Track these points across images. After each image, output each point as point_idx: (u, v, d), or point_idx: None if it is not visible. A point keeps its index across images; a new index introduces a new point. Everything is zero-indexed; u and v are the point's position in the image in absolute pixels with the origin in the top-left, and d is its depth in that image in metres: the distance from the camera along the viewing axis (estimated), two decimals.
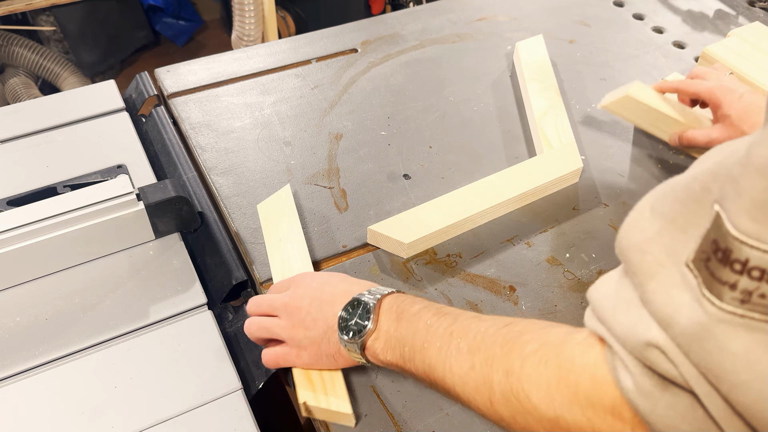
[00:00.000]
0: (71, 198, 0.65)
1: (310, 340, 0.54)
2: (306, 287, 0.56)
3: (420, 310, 0.50)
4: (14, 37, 1.95)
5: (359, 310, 0.51)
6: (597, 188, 0.78)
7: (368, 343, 0.51)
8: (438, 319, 0.48)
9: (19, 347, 0.60)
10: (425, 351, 0.47)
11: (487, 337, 0.44)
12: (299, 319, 0.54)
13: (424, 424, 0.54)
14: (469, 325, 0.46)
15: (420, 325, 0.48)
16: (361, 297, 0.52)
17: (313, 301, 0.54)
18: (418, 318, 0.49)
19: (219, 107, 0.88)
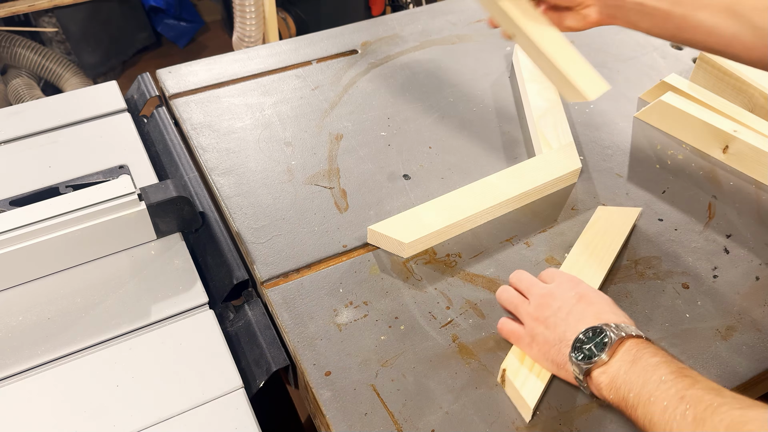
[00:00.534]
0: (73, 198, 0.65)
1: (545, 338, 0.55)
2: (566, 291, 0.57)
3: (659, 363, 0.48)
4: (17, 39, 1.95)
5: (598, 339, 0.51)
6: (596, 189, 0.78)
7: (594, 374, 0.51)
8: (674, 378, 0.46)
9: (22, 346, 0.60)
10: (650, 405, 0.46)
11: (717, 413, 0.42)
12: (545, 315, 0.56)
13: (424, 423, 0.54)
14: (704, 396, 0.44)
15: (653, 377, 0.47)
16: (606, 328, 0.52)
17: (564, 306, 0.55)
18: (654, 370, 0.48)
19: (220, 108, 0.88)
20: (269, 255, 0.68)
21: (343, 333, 0.61)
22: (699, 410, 0.43)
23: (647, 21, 0.64)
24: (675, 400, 0.45)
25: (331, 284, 0.66)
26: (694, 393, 0.44)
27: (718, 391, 0.44)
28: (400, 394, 0.56)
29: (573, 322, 0.54)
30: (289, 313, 0.63)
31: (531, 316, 0.57)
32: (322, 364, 0.59)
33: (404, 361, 0.59)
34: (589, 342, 0.51)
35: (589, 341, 0.52)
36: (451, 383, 0.57)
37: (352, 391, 0.57)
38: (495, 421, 0.55)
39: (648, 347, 0.50)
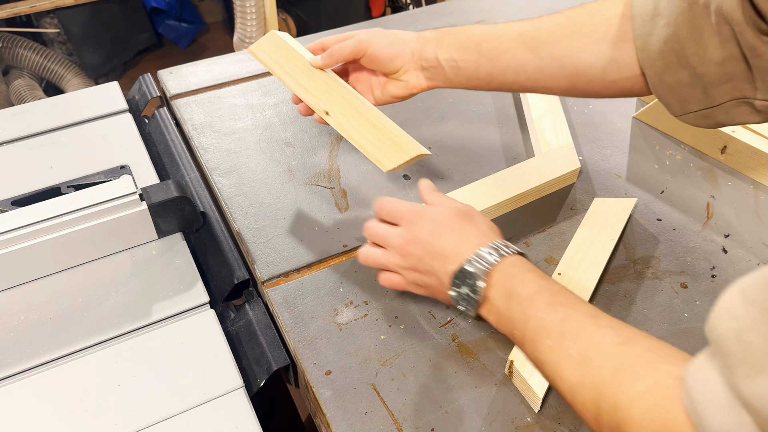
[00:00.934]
0: (75, 198, 0.65)
1: (426, 284, 0.56)
2: (417, 233, 0.55)
3: (532, 296, 0.48)
4: (19, 40, 1.95)
5: (468, 285, 0.51)
6: (594, 189, 0.78)
7: (482, 314, 0.52)
8: (551, 311, 0.46)
9: (24, 346, 0.60)
10: (536, 344, 0.46)
11: (600, 352, 0.42)
12: (412, 263, 0.55)
13: (424, 422, 0.54)
14: (583, 329, 0.44)
15: (531, 314, 0.47)
16: (468, 267, 0.51)
17: (425, 252, 0.54)
18: (529, 305, 0.48)
19: (221, 108, 0.88)
20: (270, 255, 0.68)
21: (344, 332, 0.61)
22: (582, 347, 0.43)
23: (462, 77, 0.65)
24: (557, 336, 0.45)
25: (331, 284, 0.66)
26: (573, 327, 0.44)
27: (596, 318, 0.45)
28: (400, 393, 0.56)
29: (439, 265, 0.53)
30: (290, 313, 0.63)
31: (403, 267, 0.56)
32: (323, 363, 0.59)
33: (404, 360, 0.59)
34: (462, 288, 0.52)
35: (461, 288, 0.52)
36: (451, 382, 0.57)
37: (352, 390, 0.57)
38: (495, 419, 0.55)
39: (514, 276, 0.50)
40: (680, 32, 0.52)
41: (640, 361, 0.40)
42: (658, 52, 0.54)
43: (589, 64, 0.59)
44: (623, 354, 0.41)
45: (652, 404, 0.37)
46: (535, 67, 0.62)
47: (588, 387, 0.41)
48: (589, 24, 0.59)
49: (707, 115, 0.54)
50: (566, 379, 0.43)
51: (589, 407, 0.41)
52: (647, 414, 0.37)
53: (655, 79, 0.55)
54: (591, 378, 0.41)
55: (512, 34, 0.62)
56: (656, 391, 0.38)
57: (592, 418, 0.42)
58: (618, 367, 0.40)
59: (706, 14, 0.50)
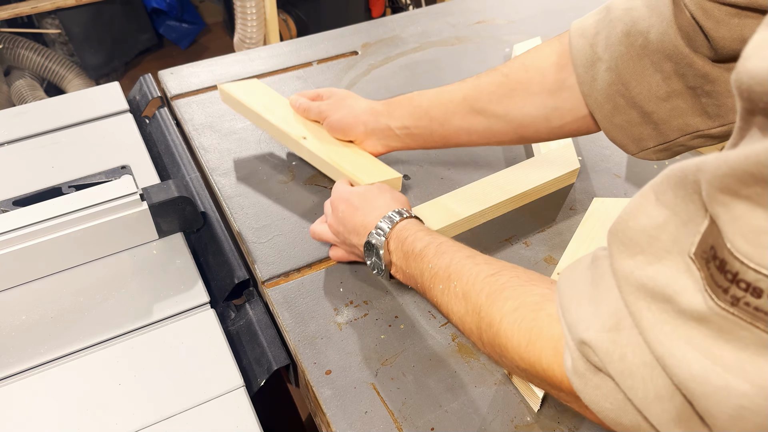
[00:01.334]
0: (76, 198, 0.65)
1: (356, 255, 0.64)
2: (337, 212, 0.63)
3: (422, 251, 0.55)
4: (20, 40, 1.95)
5: (374, 254, 0.59)
6: (594, 189, 0.78)
7: (393, 273, 0.60)
8: (438, 260, 0.53)
9: (25, 345, 0.60)
10: (432, 290, 0.53)
11: (477, 284, 0.48)
12: (341, 239, 0.64)
13: (424, 421, 0.54)
14: (463, 268, 0.50)
15: (424, 266, 0.54)
16: (371, 239, 0.59)
17: (345, 228, 0.62)
18: (421, 259, 0.54)
19: (221, 109, 0.88)
20: (270, 254, 0.68)
21: (344, 332, 0.61)
22: (463, 283, 0.49)
23: (418, 141, 0.71)
24: (445, 279, 0.51)
25: (331, 284, 0.66)
26: (456, 267, 0.51)
27: (472, 257, 0.51)
28: (400, 393, 0.56)
29: (355, 238, 0.61)
30: (290, 312, 0.63)
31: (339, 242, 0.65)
32: (323, 362, 0.59)
33: (404, 359, 0.59)
34: (371, 257, 0.59)
35: (370, 257, 0.60)
36: (451, 382, 0.57)
37: (352, 390, 0.57)
38: (494, 419, 0.55)
39: (406, 238, 0.57)
40: (623, 74, 0.54)
41: (507, 286, 0.46)
42: (605, 96, 0.56)
43: (532, 116, 0.62)
44: (494, 282, 0.47)
45: (520, 317, 0.43)
46: (484, 127, 0.66)
47: (470, 314, 0.47)
48: (525, 78, 0.62)
49: (664, 149, 0.56)
50: (455, 312, 0.50)
51: (474, 330, 0.47)
52: (515, 324, 0.43)
53: (606, 122, 0.57)
54: (472, 306, 0.47)
55: (457, 98, 0.66)
56: (522, 306, 0.43)
57: (477, 339, 0.48)
58: (490, 293, 0.46)
59: (644, 54, 0.52)
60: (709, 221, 0.30)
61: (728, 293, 0.28)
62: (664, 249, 0.33)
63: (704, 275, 0.30)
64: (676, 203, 0.32)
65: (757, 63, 0.27)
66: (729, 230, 0.28)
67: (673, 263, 0.32)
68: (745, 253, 0.27)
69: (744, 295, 0.27)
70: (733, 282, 0.28)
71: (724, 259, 0.28)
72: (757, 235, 0.27)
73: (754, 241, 0.27)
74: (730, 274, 0.28)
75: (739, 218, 0.28)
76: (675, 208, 0.32)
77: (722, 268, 0.28)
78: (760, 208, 0.27)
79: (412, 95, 0.70)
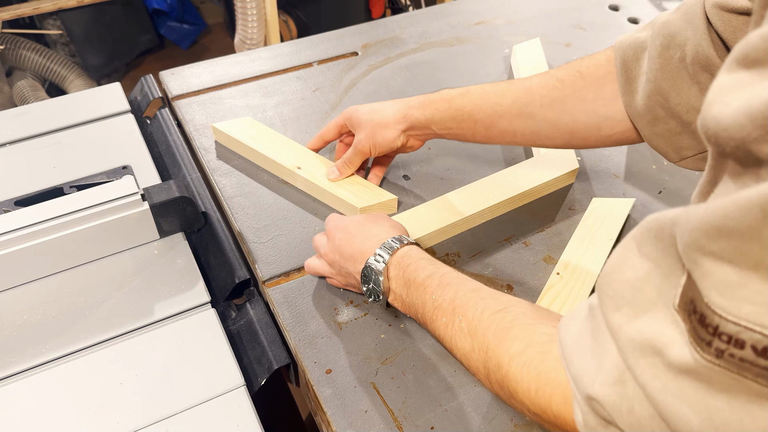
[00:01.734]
0: (77, 198, 0.65)
1: (352, 285, 0.62)
2: (333, 242, 0.61)
3: (425, 281, 0.53)
4: (22, 41, 1.95)
5: (372, 280, 0.57)
6: (593, 189, 0.78)
7: (390, 301, 0.58)
8: (441, 292, 0.51)
9: (27, 344, 0.60)
10: (435, 323, 0.52)
11: (483, 320, 0.47)
12: (337, 269, 0.62)
13: (423, 420, 0.54)
14: (468, 303, 0.49)
15: (426, 297, 0.52)
16: (371, 264, 0.57)
17: (340, 257, 0.60)
18: (424, 289, 0.53)
19: (222, 109, 0.88)
20: (271, 254, 0.68)
21: (344, 331, 0.61)
22: (469, 319, 0.48)
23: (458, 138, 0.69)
24: (449, 313, 0.50)
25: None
26: (461, 302, 0.49)
27: (478, 291, 0.50)
28: (399, 392, 0.56)
29: (351, 266, 0.59)
30: (290, 312, 0.63)
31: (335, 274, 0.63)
32: (323, 362, 0.59)
33: (404, 359, 0.59)
34: (368, 283, 0.58)
35: (368, 283, 0.58)
36: (451, 381, 0.57)
37: (352, 389, 0.57)
38: (493, 418, 0.55)
39: (409, 264, 0.55)
40: (661, 86, 0.54)
41: (515, 324, 0.45)
42: (645, 107, 0.56)
43: (583, 123, 0.62)
44: (501, 320, 0.46)
45: (528, 359, 0.42)
46: (531, 130, 0.64)
47: (477, 351, 0.46)
48: (581, 86, 0.61)
49: (703, 158, 0.56)
50: (460, 348, 0.48)
51: (480, 369, 0.46)
52: (523, 368, 0.42)
53: (647, 131, 0.58)
54: (478, 344, 0.46)
55: (505, 101, 0.64)
56: (530, 348, 0.42)
57: (483, 377, 0.47)
58: (497, 331, 0.45)
59: (682, 67, 0.52)
60: (687, 275, 0.30)
61: (712, 346, 0.28)
62: (650, 301, 0.33)
63: (688, 328, 0.30)
64: (657, 255, 0.32)
65: (721, 109, 0.28)
66: (703, 285, 0.28)
67: (660, 315, 0.32)
68: (721, 306, 0.27)
69: (727, 347, 0.27)
70: (715, 335, 0.28)
71: (703, 312, 0.28)
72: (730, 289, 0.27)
73: (727, 295, 0.27)
74: (711, 327, 0.28)
75: (709, 274, 0.28)
76: (657, 260, 0.32)
77: (702, 321, 0.28)
78: (726, 264, 0.27)
79: (450, 96, 0.67)
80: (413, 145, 0.72)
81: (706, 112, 0.29)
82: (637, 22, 1.09)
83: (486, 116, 0.65)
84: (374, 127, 0.70)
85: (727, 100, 0.28)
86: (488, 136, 0.67)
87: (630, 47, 0.58)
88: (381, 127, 0.69)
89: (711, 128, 0.28)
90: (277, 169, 0.76)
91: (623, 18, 1.10)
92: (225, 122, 0.81)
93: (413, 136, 0.70)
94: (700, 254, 0.28)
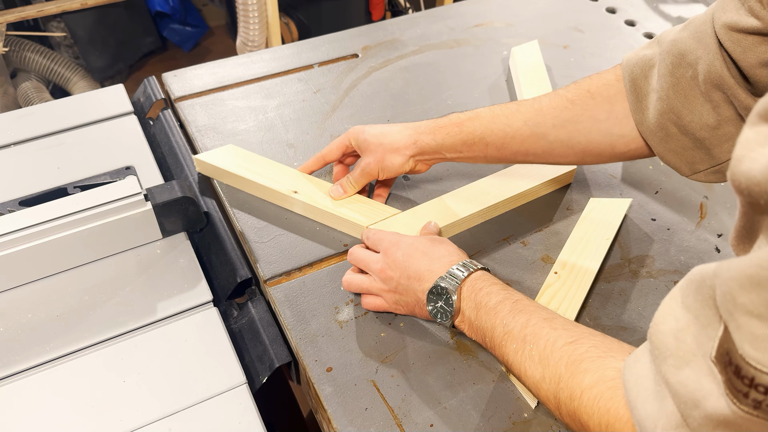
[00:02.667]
0: (81, 198, 0.65)
1: (405, 303, 0.59)
2: (394, 257, 0.59)
3: (496, 306, 0.53)
4: (26, 43, 1.95)
5: (442, 299, 0.56)
6: (590, 189, 0.78)
7: (456, 323, 0.57)
8: (513, 318, 0.51)
9: (31, 343, 0.60)
10: (504, 348, 0.51)
11: (555, 351, 0.47)
12: (392, 286, 0.59)
13: (423, 417, 0.54)
14: (540, 332, 0.49)
15: (497, 322, 0.52)
16: (441, 282, 0.55)
17: (402, 274, 0.58)
18: (495, 314, 0.52)
19: (224, 110, 0.88)
20: (272, 254, 0.68)
21: (344, 330, 0.61)
22: (541, 348, 0.48)
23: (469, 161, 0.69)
24: (520, 340, 0.50)
25: (332, 282, 0.66)
26: (533, 330, 0.49)
27: (550, 321, 0.49)
28: (399, 390, 0.56)
29: (416, 284, 0.57)
30: (292, 311, 0.63)
31: (383, 290, 0.60)
32: (324, 360, 0.59)
33: (403, 357, 0.59)
34: (437, 302, 0.56)
35: (436, 302, 0.56)
36: (450, 379, 0.57)
37: (352, 387, 0.57)
38: (492, 416, 0.55)
39: (482, 287, 0.55)
40: (673, 104, 0.54)
41: (586, 356, 0.45)
42: (657, 124, 0.56)
43: (597, 142, 0.61)
44: (573, 352, 0.46)
45: (598, 393, 0.42)
46: (544, 150, 0.64)
47: (548, 381, 0.47)
48: (592, 106, 0.61)
49: (716, 171, 0.56)
50: (530, 377, 0.49)
51: (551, 399, 0.47)
52: (594, 402, 0.42)
53: (660, 147, 0.58)
54: (550, 374, 0.46)
55: (515, 123, 0.64)
56: (601, 382, 0.43)
57: (554, 407, 0.47)
58: (569, 363, 0.45)
59: (694, 85, 0.53)
60: (724, 327, 0.30)
61: (749, 397, 0.28)
62: (690, 352, 0.33)
63: (724, 379, 0.30)
64: (697, 307, 0.33)
65: (751, 165, 0.28)
66: (737, 337, 0.29)
67: (698, 367, 0.32)
68: (755, 358, 0.28)
69: (765, 398, 0.28)
70: (751, 386, 0.28)
71: (739, 364, 0.29)
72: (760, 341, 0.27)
73: (760, 347, 0.27)
74: (747, 379, 0.28)
75: (742, 326, 0.28)
76: (696, 312, 0.33)
77: (738, 373, 0.29)
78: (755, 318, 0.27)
79: (460, 120, 0.66)
80: (420, 169, 0.71)
81: (735, 168, 0.29)
82: (634, 24, 1.09)
83: (497, 138, 0.64)
84: (384, 152, 0.68)
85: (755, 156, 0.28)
86: (500, 158, 0.66)
87: (637, 65, 0.58)
88: (390, 152, 0.68)
89: (743, 183, 0.29)
90: (272, 195, 0.73)
91: (620, 20, 1.10)
92: (207, 153, 0.76)
93: (422, 161, 0.70)
94: (733, 306, 0.29)
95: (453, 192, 0.74)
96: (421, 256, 0.58)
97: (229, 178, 0.75)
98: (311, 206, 0.71)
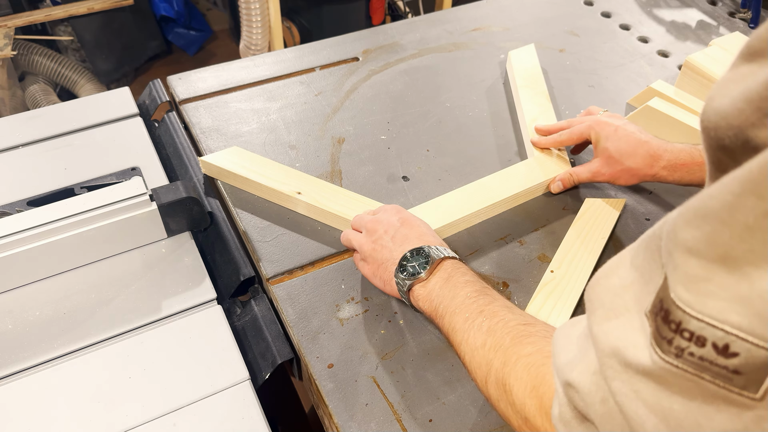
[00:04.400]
0: (88, 198, 0.65)
1: (374, 258, 0.60)
2: (389, 217, 0.61)
3: (467, 282, 0.53)
4: (34, 47, 1.95)
5: (422, 259, 0.56)
6: (585, 189, 0.78)
7: (415, 287, 0.56)
8: (477, 296, 0.51)
9: (39, 340, 0.60)
10: (454, 316, 0.51)
11: (506, 325, 0.46)
12: (373, 238, 0.60)
13: (422, 413, 0.54)
14: (499, 312, 0.48)
15: (460, 293, 0.52)
16: (429, 249, 0.56)
17: (389, 229, 0.59)
18: (462, 287, 0.53)
19: (228, 113, 0.88)
20: (275, 253, 0.68)
21: (345, 327, 0.61)
22: (493, 323, 0.47)
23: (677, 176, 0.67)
24: (475, 312, 0.49)
25: (333, 281, 0.66)
26: (492, 308, 0.49)
27: (511, 309, 0.49)
28: (399, 386, 0.56)
29: (398, 245, 0.58)
30: (294, 309, 0.63)
31: (362, 241, 0.61)
32: (325, 357, 0.59)
33: (403, 354, 0.59)
34: (413, 261, 0.56)
35: (413, 260, 0.56)
36: (449, 375, 0.57)
37: (353, 383, 0.57)
38: (491, 411, 0.55)
39: (460, 267, 0.55)
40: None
41: (535, 333, 0.45)
42: None
43: None
44: (523, 330, 0.45)
45: (534, 361, 0.42)
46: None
47: (487, 348, 0.46)
48: None
49: None
50: (470, 343, 0.48)
51: (482, 367, 0.46)
52: (527, 368, 0.42)
53: None
54: (492, 342, 0.46)
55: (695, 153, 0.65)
56: (540, 353, 0.42)
57: (483, 373, 0.46)
58: (516, 336, 0.45)
59: None
60: (664, 277, 0.29)
61: (672, 344, 0.27)
62: (624, 307, 0.32)
63: (652, 330, 0.29)
64: (643, 264, 0.32)
65: (721, 101, 0.27)
66: (672, 279, 0.27)
67: (628, 321, 0.31)
68: (686, 301, 0.26)
69: (688, 345, 0.26)
70: (677, 332, 0.27)
71: (669, 309, 0.27)
72: (695, 282, 0.26)
73: (693, 289, 0.26)
74: (674, 323, 0.27)
75: (679, 266, 0.27)
76: (642, 269, 0.32)
77: (666, 318, 0.27)
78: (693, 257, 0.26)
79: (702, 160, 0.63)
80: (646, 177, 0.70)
81: (707, 107, 0.28)
82: (628, 28, 1.09)
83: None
84: (621, 171, 0.69)
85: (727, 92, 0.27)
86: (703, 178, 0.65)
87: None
88: (625, 174, 0.69)
89: (712, 120, 0.27)
90: (276, 196, 0.73)
91: (615, 24, 1.10)
92: (213, 155, 0.77)
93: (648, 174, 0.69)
94: (674, 245, 0.27)
95: (451, 192, 0.74)
96: (419, 226, 0.60)
97: (235, 180, 0.75)
98: (314, 207, 0.71)
